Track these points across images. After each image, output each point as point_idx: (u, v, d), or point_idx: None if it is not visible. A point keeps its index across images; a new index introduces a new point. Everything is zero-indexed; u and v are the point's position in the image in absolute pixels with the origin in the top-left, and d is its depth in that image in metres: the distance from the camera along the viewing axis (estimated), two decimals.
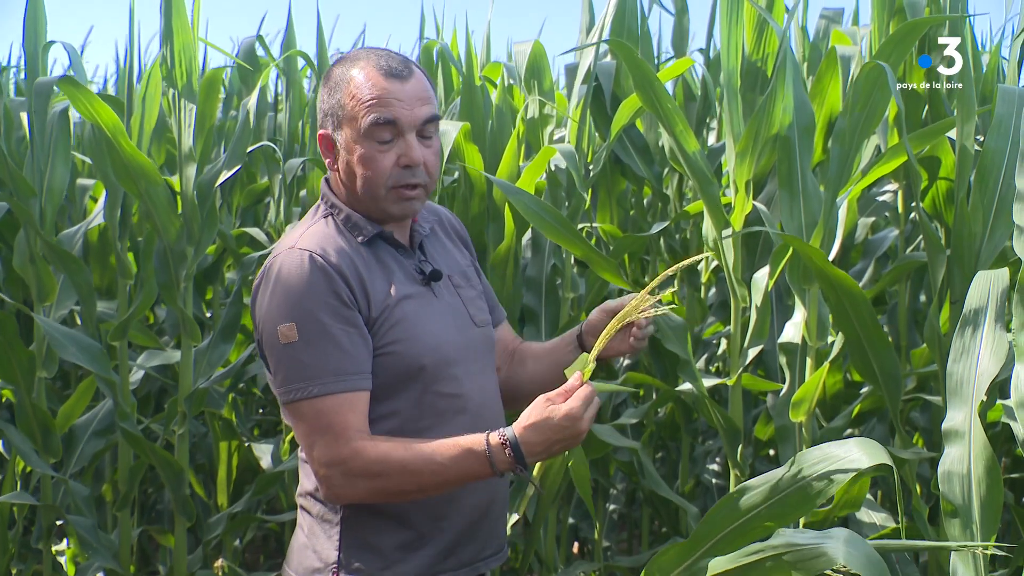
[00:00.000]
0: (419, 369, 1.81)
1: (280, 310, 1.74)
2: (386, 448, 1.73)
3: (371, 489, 1.74)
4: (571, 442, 1.72)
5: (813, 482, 1.61)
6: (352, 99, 1.79)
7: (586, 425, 1.70)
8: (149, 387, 4.32)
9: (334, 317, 1.74)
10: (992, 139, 2.30)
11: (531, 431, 1.70)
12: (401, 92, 1.78)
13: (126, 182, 3.07)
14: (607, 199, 3.67)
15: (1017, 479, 3.53)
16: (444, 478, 1.73)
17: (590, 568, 3.52)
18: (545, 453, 1.71)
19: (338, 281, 1.75)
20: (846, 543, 1.47)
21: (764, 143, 2.66)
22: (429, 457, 1.71)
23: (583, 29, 3.78)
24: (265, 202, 4.69)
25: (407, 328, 1.81)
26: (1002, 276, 1.85)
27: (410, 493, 1.76)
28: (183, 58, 3.11)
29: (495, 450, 1.70)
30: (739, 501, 1.66)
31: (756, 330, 2.75)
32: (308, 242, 1.80)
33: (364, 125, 1.77)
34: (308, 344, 1.73)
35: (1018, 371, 1.71)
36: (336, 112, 1.82)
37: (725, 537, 1.67)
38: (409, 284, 1.85)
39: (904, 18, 2.72)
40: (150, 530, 3.82)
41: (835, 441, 1.67)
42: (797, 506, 1.63)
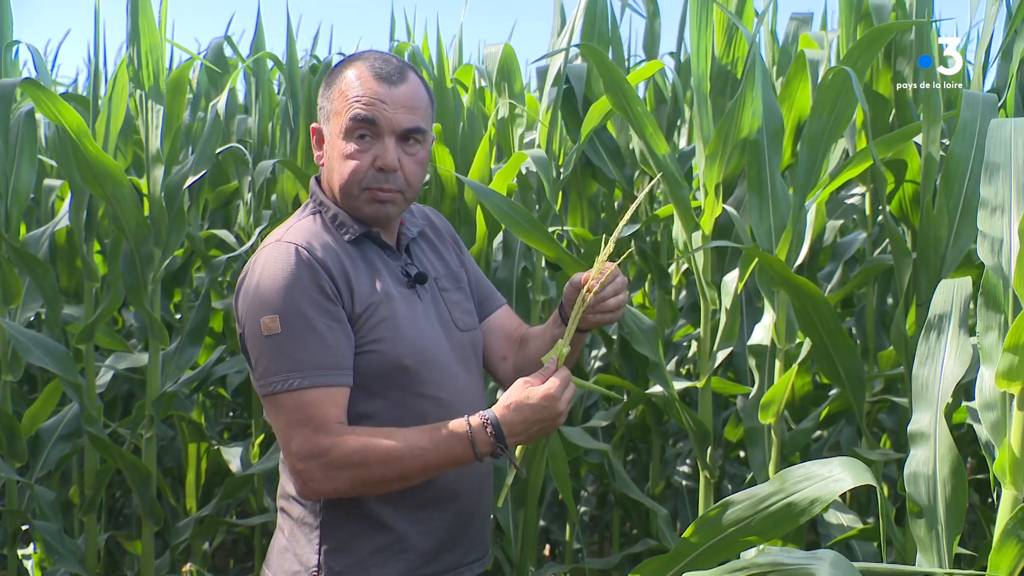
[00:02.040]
0: (401, 369, 1.80)
1: (264, 302, 1.73)
2: (366, 437, 1.71)
3: (352, 479, 1.72)
4: (550, 423, 1.72)
5: (795, 501, 1.62)
6: (340, 95, 1.81)
7: (564, 406, 1.71)
8: (117, 391, 4.28)
9: (318, 311, 1.73)
10: (957, 144, 2.32)
11: (511, 411, 1.70)
12: (387, 96, 1.79)
13: (91, 184, 3.04)
14: (578, 201, 3.68)
15: (983, 480, 3.57)
16: (426, 462, 1.71)
17: (560, 570, 3.53)
18: (525, 435, 1.72)
19: (323, 275, 1.75)
20: (832, 565, 1.48)
21: (733, 146, 2.67)
22: (411, 442, 1.70)
23: (554, 32, 3.78)
24: (235, 204, 4.66)
25: (390, 328, 1.80)
26: (965, 284, 1.88)
27: (393, 482, 1.73)
28: (150, 59, 3.08)
29: (477, 431, 1.70)
30: (722, 516, 1.66)
31: (726, 333, 2.77)
32: (294, 236, 1.80)
33: (345, 121, 1.79)
34: (291, 336, 1.72)
35: (983, 374, 1.73)
36: (326, 106, 1.85)
37: (707, 551, 1.67)
38: (394, 285, 1.86)
39: (871, 23, 2.75)
40: (117, 535, 3.78)
41: (818, 460, 1.68)
42: (780, 523, 1.63)
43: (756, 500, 1.65)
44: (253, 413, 4.15)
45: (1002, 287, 1.70)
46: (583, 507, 4.18)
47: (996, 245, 1.72)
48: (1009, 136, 1.75)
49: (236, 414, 5.01)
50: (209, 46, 4.40)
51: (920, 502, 1.76)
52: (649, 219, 3.58)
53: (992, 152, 1.75)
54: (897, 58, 2.83)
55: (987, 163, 1.75)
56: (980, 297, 1.73)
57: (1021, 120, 1.76)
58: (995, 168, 1.75)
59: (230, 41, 4.44)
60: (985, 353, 1.72)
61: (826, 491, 1.62)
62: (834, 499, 1.62)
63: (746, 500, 1.66)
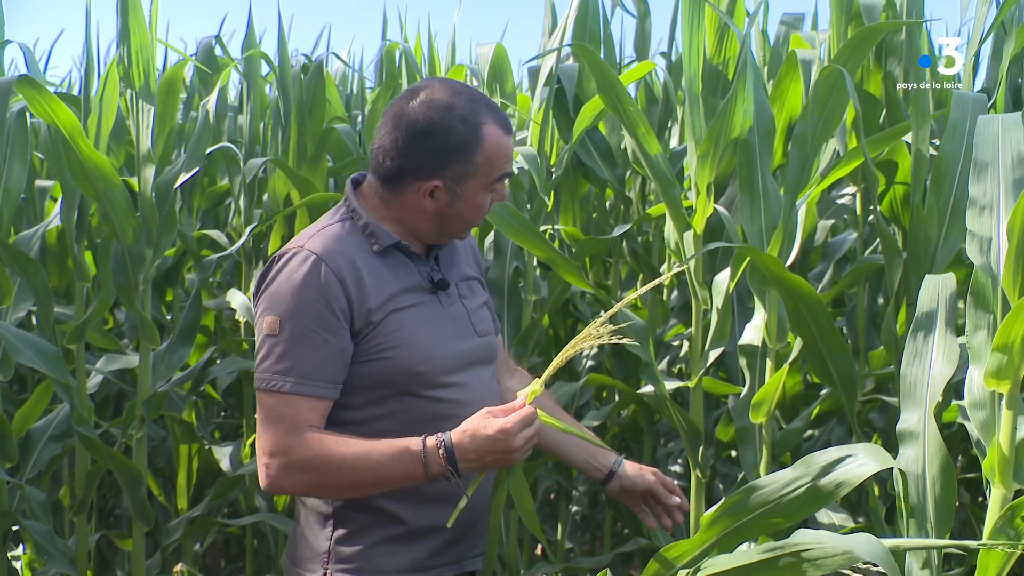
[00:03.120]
0: (415, 375, 1.86)
1: (272, 302, 1.82)
2: (329, 443, 1.77)
3: (308, 483, 1.80)
4: (503, 457, 1.74)
5: (821, 485, 1.64)
6: (487, 157, 1.86)
7: (519, 443, 1.72)
8: (108, 391, 4.27)
9: (318, 324, 1.79)
10: (947, 144, 2.33)
11: (466, 438, 1.74)
12: (512, 146, 1.91)
13: (83, 184, 3.03)
14: (569, 201, 3.68)
15: (973, 479, 3.58)
16: (379, 476, 1.77)
17: (552, 570, 3.53)
18: (477, 463, 1.75)
19: (334, 291, 1.80)
20: (867, 544, 1.50)
21: (725, 146, 2.67)
22: (368, 455, 1.76)
23: (546, 32, 3.78)
24: (226, 204, 4.65)
25: (405, 335, 1.85)
26: (950, 280, 1.88)
27: (346, 490, 1.81)
28: (140, 58, 3.08)
29: (430, 452, 1.75)
30: (747, 499, 1.69)
31: (717, 332, 2.77)
32: (318, 244, 1.85)
33: (495, 179, 1.89)
34: (286, 342, 1.80)
35: (972, 373, 1.74)
36: (465, 168, 1.86)
37: (731, 533, 1.69)
38: (415, 292, 1.91)
39: (861, 23, 2.75)
40: (108, 535, 3.78)
41: (841, 446, 1.70)
42: (805, 506, 1.65)
43: (781, 484, 1.67)
44: (244, 413, 4.14)
45: (991, 286, 1.71)
46: (575, 507, 4.18)
47: (985, 244, 1.73)
48: (997, 133, 1.75)
49: (227, 414, 5.00)
50: (199, 46, 4.39)
51: (910, 501, 1.77)
52: (640, 219, 3.58)
53: (980, 150, 1.75)
54: (888, 58, 2.84)
55: (975, 161, 1.75)
56: (969, 296, 1.73)
57: (1009, 117, 1.76)
58: (983, 166, 1.75)
59: (219, 41, 4.42)
60: (974, 352, 1.72)
61: (852, 475, 1.65)
62: (859, 483, 1.63)
63: (770, 484, 1.68)
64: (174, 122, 3.35)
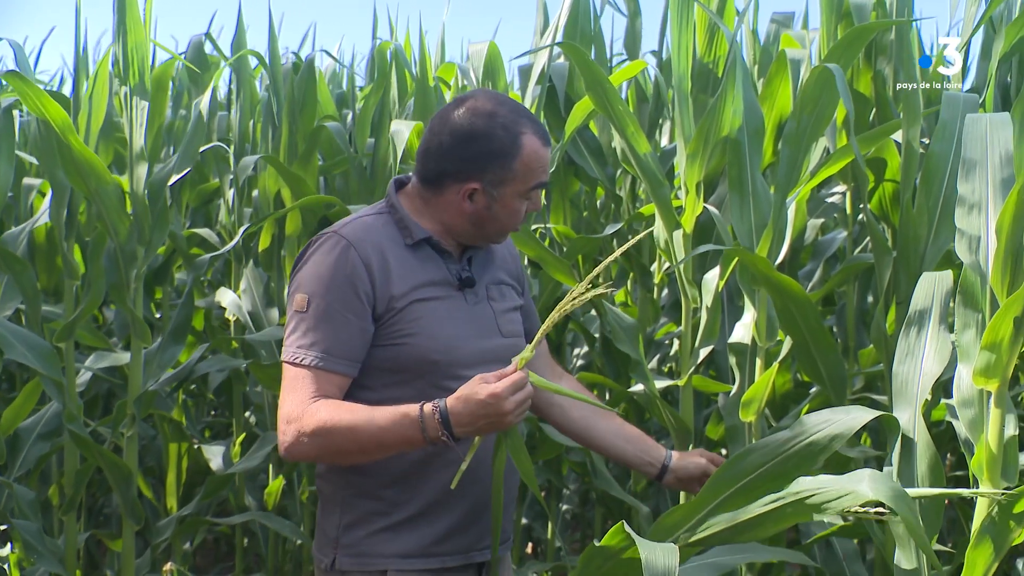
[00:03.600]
0: (431, 363, 1.93)
1: (304, 281, 1.94)
2: (337, 409, 1.86)
3: (318, 447, 1.86)
4: (495, 421, 1.78)
5: (816, 440, 1.65)
6: (525, 167, 1.96)
7: (510, 406, 1.76)
8: (97, 389, 4.26)
9: (343, 305, 1.90)
10: (937, 143, 2.34)
11: (459, 402, 1.79)
12: (549, 158, 2.01)
13: (76, 180, 3.02)
14: (560, 200, 3.68)
15: (962, 477, 3.59)
16: (381, 440, 1.83)
17: (542, 568, 3.53)
18: (471, 427, 1.79)
19: (360, 275, 1.91)
20: (871, 480, 1.50)
21: (714, 145, 2.68)
22: (369, 420, 1.83)
23: (537, 31, 3.78)
24: (216, 202, 4.64)
25: (425, 324, 1.93)
26: (945, 278, 1.88)
27: (352, 454, 1.87)
28: (135, 56, 3.07)
29: (427, 416, 1.80)
30: (744, 461, 1.70)
31: (707, 331, 2.77)
32: (350, 230, 1.96)
33: (529, 187, 1.98)
34: (312, 319, 1.90)
35: (960, 371, 1.74)
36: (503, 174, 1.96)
37: (729, 497, 1.70)
38: (441, 287, 1.98)
39: (851, 22, 2.76)
40: (98, 534, 3.77)
41: (833, 408, 1.71)
42: (801, 463, 1.67)
43: (777, 444, 1.69)
44: (235, 412, 4.13)
45: (979, 285, 1.71)
46: (565, 505, 4.19)
47: (974, 243, 1.73)
48: (985, 132, 1.76)
49: (218, 413, 4.99)
50: (190, 43, 4.38)
51: None
52: (631, 217, 3.59)
53: (969, 148, 1.76)
54: (878, 57, 2.84)
55: (964, 160, 1.76)
56: (958, 295, 1.74)
57: (997, 116, 1.77)
58: (972, 165, 1.76)
59: (211, 38, 4.41)
60: (963, 351, 1.73)
61: (845, 427, 1.67)
62: (851, 434, 1.65)
63: (766, 446, 1.69)
64: (163, 119, 3.34)
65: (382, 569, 1.95)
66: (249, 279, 3.98)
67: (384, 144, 3.61)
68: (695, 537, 1.70)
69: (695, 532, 1.70)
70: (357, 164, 3.76)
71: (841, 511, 1.57)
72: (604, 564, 1.67)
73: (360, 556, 1.96)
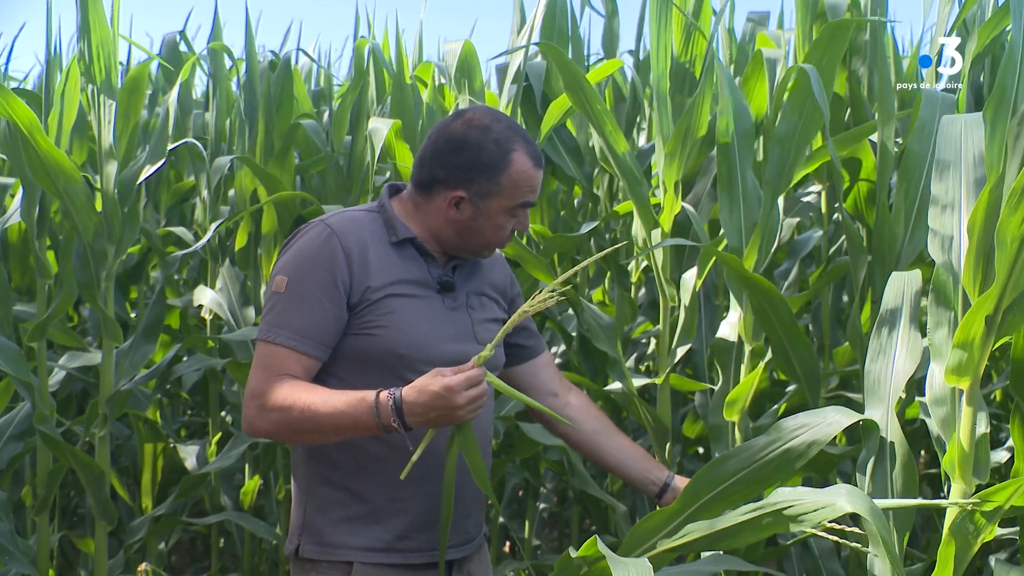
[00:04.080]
0: (398, 357, 1.96)
1: (285, 264, 1.99)
2: (299, 387, 1.90)
3: (277, 423, 1.90)
4: (447, 414, 1.80)
5: (793, 447, 1.66)
6: (511, 182, 2.00)
7: (462, 400, 1.78)
8: (71, 389, 4.22)
9: (320, 289, 1.94)
10: (914, 142, 2.35)
11: (413, 392, 1.81)
12: (539, 179, 2.04)
13: (43, 180, 2.99)
14: (538, 199, 3.67)
15: (935, 475, 3.61)
16: (337, 422, 1.86)
17: (519, 567, 3.53)
18: (423, 417, 1.81)
19: (340, 263, 1.95)
20: (849, 495, 1.51)
21: (692, 144, 2.68)
22: (327, 401, 1.86)
23: (514, 29, 3.78)
24: (192, 201, 4.61)
25: (396, 319, 1.97)
26: (915, 277, 1.90)
27: (309, 433, 1.90)
28: (101, 53, 3.04)
29: (381, 402, 1.83)
30: (720, 468, 1.70)
31: (684, 329, 2.78)
32: (337, 220, 2.02)
33: (515, 204, 2.01)
34: (289, 299, 1.95)
35: (933, 370, 1.75)
36: (490, 187, 2.00)
37: (707, 503, 1.71)
38: (419, 286, 2.02)
39: (826, 22, 2.77)
40: (70, 535, 3.73)
41: (809, 411, 1.72)
42: (778, 469, 1.67)
43: (755, 450, 1.69)
44: (211, 411, 4.11)
45: (952, 284, 1.73)
46: (542, 504, 4.19)
47: (946, 242, 1.75)
48: (959, 133, 1.77)
49: (194, 412, 4.96)
50: (163, 41, 4.35)
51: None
52: (608, 216, 3.59)
53: (943, 149, 1.77)
54: (852, 57, 2.86)
55: (938, 160, 1.77)
56: (930, 294, 1.75)
57: (971, 117, 1.78)
58: (945, 165, 1.77)
59: (184, 37, 4.38)
60: (935, 349, 1.74)
61: (822, 434, 1.67)
62: (829, 440, 1.66)
63: (745, 451, 1.69)
64: (138, 118, 3.31)
65: (348, 560, 1.97)
66: (225, 278, 3.95)
67: (361, 142, 3.60)
68: (672, 544, 1.70)
69: (672, 539, 1.70)
70: (334, 163, 3.75)
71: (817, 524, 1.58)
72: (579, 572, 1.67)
73: (324, 545, 1.99)
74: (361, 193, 3.57)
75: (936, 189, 1.77)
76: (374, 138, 3.26)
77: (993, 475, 2.75)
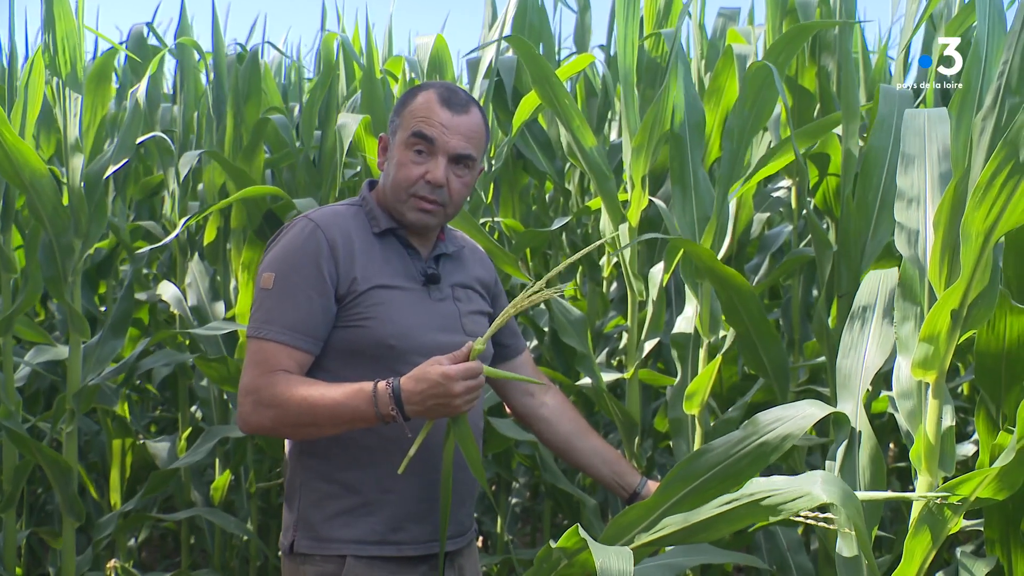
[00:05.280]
0: (386, 347, 1.96)
1: (271, 261, 2.00)
2: (295, 381, 1.91)
3: (274, 418, 1.91)
4: (445, 403, 1.82)
5: (767, 440, 1.66)
6: (410, 114, 2.02)
7: (459, 389, 1.81)
8: (39, 384, 4.18)
9: (308, 283, 1.95)
10: (875, 138, 2.36)
11: (411, 380, 1.83)
12: (448, 121, 2.00)
13: (8, 173, 2.96)
14: (509, 194, 3.67)
15: (904, 467, 3.65)
16: (335, 414, 1.87)
17: (492, 562, 3.53)
18: (421, 406, 1.83)
19: (325, 255, 1.96)
20: (824, 482, 1.51)
21: (659, 139, 2.69)
22: (324, 394, 1.88)
23: (486, 24, 3.78)
24: (161, 195, 4.58)
25: (383, 310, 1.97)
26: (892, 275, 1.91)
27: (306, 426, 1.91)
28: (66, 46, 3.01)
29: (380, 392, 1.84)
30: (697, 462, 1.70)
31: (652, 323, 2.79)
32: (320, 214, 2.03)
33: (408, 134, 2.01)
34: (277, 295, 1.96)
35: (900, 363, 1.77)
36: (396, 121, 2.06)
37: (683, 497, 1.71)
38: (404, 279, 2.02)
39: (796, 18, 2.78)
40: (38, 531, 3.70)
41: (784, 404, 1.72)
42: (754, 462, 1.67)
43: (730, 444, 1.69)
44: (180, 407, 4.08)
45: (918, 278, 1.74)
46: (515, 499, 4.19)
47: (913, 236, 1.76)
48: (924, 127, 1.78)
49: (163, 408, 4.93)
50: (130, 33, 4.31)
51: None
52: (579, 211, 3.59)
53: (907, 143, 1.78)
54: (822, 53, 2.87)
55: (903, 154, 1.78)
56: (897, 288, 1.76)
57: (935, 111, 1.79)
58: (910, 159, 1.78)
59: (152, 28, 4.34)
60: (902, 343, 1.75)
61: (796, 427, 1.67)
62: (803, 433, 1.67)
63: (720, 446, 1.70)
64: (105, 111, 3.28)
65: (341, 554, 1.97)
66: (194, 272, 3.92)
67: (331, 137, 3.58)
68: (650, 538, 1.70)
69: (650, 532, 1.71)
70: (304, 157, 3.73)
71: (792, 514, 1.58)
72: (558, 564, 1.67)
73: (318, 540, 1.98)
74: (331, 188, 3.55)
75: (902, 183, 1.78)
76: (343, 133, 3.25)
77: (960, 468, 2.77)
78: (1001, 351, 1.85)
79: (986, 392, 1.89)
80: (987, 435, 1.90)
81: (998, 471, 1.60)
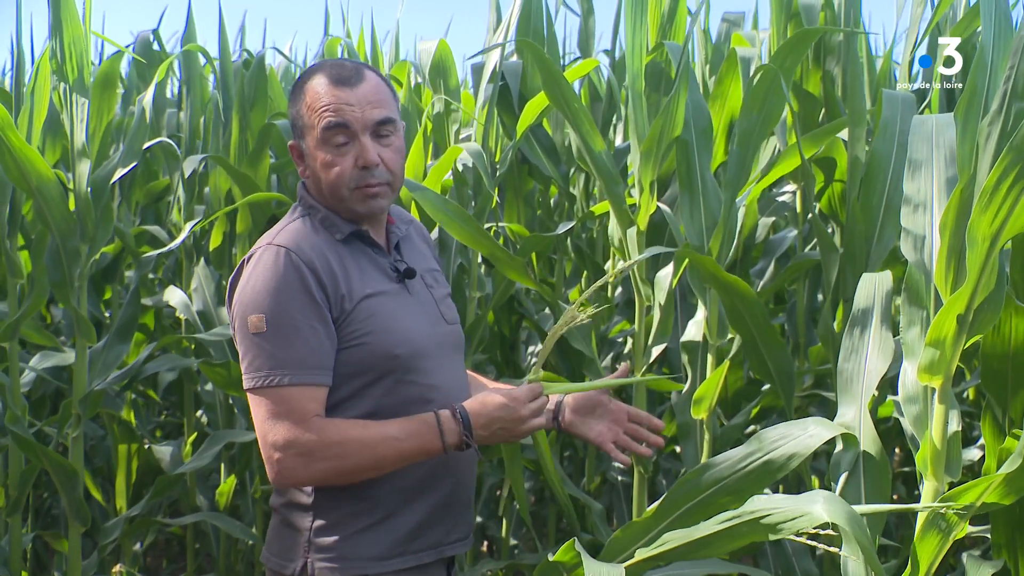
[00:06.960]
0: (393, 358, 1.89)
1: (252, 301, 1.84)
2: (346, 427, 1.83)
3: (328, 469, 1.82)
4: (511, 426, 1.83)
5: (773, 458, 1.66)
6: (308, 109, 1.90)
7: (527, 412, 1.83)
8: (44, 389, 4.18)
9: (302, 312, 1.83)
10: (879, 143, 2.36)
11: (478, 405, 1.84)
12: (351, 97, 1.87)
13: (15, 177, 2.96)
14: (514, 198, 3.68)
15: (910, 472, 3.64)
16: (400, 451, 1.82)
17: (496, 566, 3.53)
18: (487, 430, 1.83)
19: (309, 278, 1.84)
20: (826, 502, 1.51)
21: (668, 144, 2.69)
22: (385, 433, 1.82)
23: (490, 29, 3.78)
24: (167, 200, 4.58)
25: (380, 321, 1.89)
26: (886, 278, 1.91)
27: (368, 470, 1.84)
28: (73, 51, 3.02)
29: (446, 421, 1.83)
30: (700, 478, 1.70)
31: (660, 328, 2.78)
32: (284, 238, 1.89)
33: (319, 132, 1.88)
34: (276, 336, 1.82)
35: (905, 368, 1.76)
36: (297, 122, 1.93)
37: (686, 512, 1.71)
38: (384, 281, 1.94)
39: (800, 22, 2.79)
40: (44, 535, 3.70)
41: (791, 421, 1.72)
42: (758, 480, 1.67)
43: (735, 460, 1.69)
44: (186, 412, 4.09)
45: (924, 283, 1.74)
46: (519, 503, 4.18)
47: (919, 242, 1.76)
48: (931, 132, 1.78)
49: (169, 413, 4.93)
50: (136, 39, 4.32)
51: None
52: (585, 216, 3.59)
53: (914, 149, 1.78)
54: (827, 58, 2.87)
55: (910, 160, 1.78)
56: (903, 293, 1.76)
57: (942, 117, 1.79)
58: (917, 165, 1.78)
59: (157, 35, 4.35)
60: (908, 347, 1.75)
61: (803, 447, 1.67)
62: (809, 453, 1.66)
63: (725, 461, 1.70)
64: (111, 116, 3.29)
65: (364, 573, 1.90)
66: (200, 277, 3.93)
67: None
68: (649, 553, 1.70)
69: (650, 548, 1.70)
70: None
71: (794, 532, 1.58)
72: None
73: (339, 560, 1.89)
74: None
75: (908, 188, 1.78)
76: None
77: (966, 473, 2.77)
78: (1007, 355, 1.85)
79: (992, 396, 1.89)
80: (993, 440, 1.90)
81: (1004, 476, 1.59)
